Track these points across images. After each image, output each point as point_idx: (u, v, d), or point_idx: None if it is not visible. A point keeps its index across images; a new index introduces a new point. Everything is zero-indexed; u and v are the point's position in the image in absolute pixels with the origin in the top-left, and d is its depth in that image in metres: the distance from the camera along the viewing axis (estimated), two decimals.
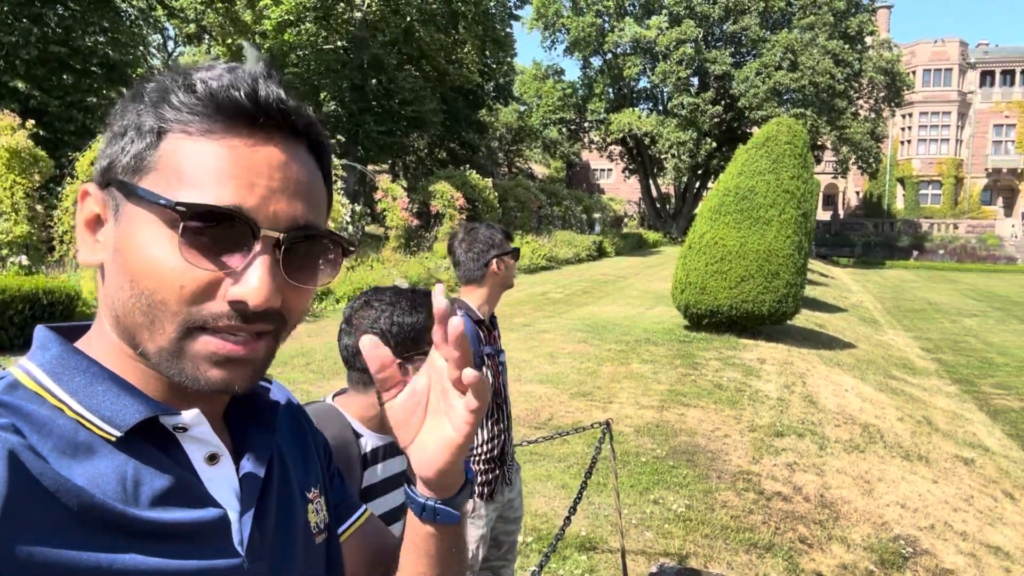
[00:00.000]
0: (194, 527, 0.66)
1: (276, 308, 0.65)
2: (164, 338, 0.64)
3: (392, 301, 1.66)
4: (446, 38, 27.93)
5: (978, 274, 42.42)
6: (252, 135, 0.65)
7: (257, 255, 0.64)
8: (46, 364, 0.66)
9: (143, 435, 0.65)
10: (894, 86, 41.51)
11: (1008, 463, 8.42)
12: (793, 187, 11.55)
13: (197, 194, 0.62)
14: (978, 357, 16.11)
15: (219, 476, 0.71)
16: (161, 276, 0.62)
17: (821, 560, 4.70)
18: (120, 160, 0.65)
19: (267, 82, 0.66)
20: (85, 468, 0.61)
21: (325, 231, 0.69)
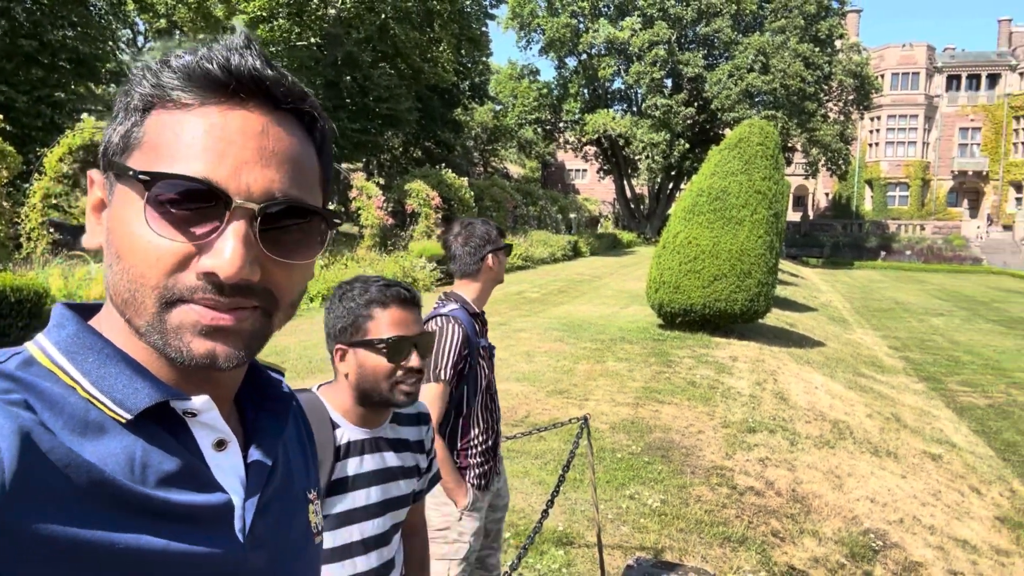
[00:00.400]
0: (198, 511, 0.66)
1: (253, 281, 0.64)
2: (147, 312, 0.64)
3: (378, 278, 1.74)
4: (421, 36, 27.85)
5: (944, 274, 43.29)
6: (227, 105, 0.65)
7: (228, 226, 0.63)
8: (61, 342, 0.66)
9: (153, 418, 0.66)
10: (863, 89, 42.19)
11: (974, 459, 8.62)
12: (765, 188, 11.72)
13: (171, 166, 0.63)
14: (945, 355, 16.46)
15: (226, 463, 0.71)
16: (139, 250, 0.63)
17: (793, 553, 4.79)
18: (112, 141, 0.67)
19: (243, 52, 0.66)
20: (95, 447, 0.61)
21: (304, 203, 0.67)
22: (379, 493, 1.72)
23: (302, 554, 0.81)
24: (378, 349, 1.66)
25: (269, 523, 0.74)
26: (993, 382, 13.77)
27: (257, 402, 0.80)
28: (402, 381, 1.67)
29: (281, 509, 0.77)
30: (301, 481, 0.84)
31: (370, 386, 1.68)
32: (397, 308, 1.68)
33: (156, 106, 0.65)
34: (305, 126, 0.70)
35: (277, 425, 0.79)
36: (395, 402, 1.69)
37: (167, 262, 0.62)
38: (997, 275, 42.96)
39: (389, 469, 1.74)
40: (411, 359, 1.67)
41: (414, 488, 1.82)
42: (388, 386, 1.67)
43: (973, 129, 53.85)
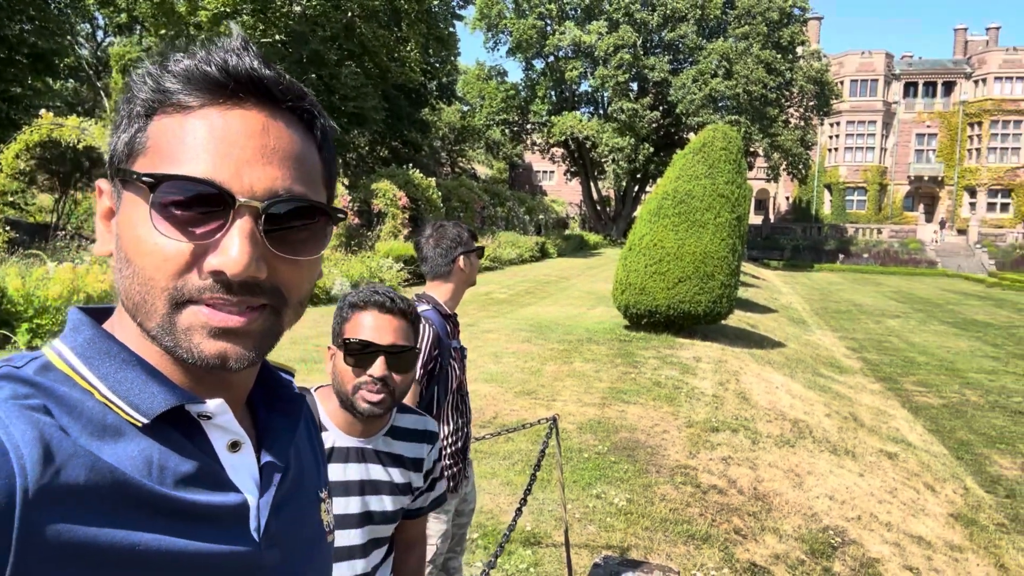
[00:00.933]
0: (215, 510, 0.68)
1: (260, 279, 0.65)
2: (157, 315, 0.65)
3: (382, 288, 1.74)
4: (388, 35, 27.71)
5: (900, 277, 44.39)
6: (226, 106, 0.66)
7: (233, 225, 0.64)
8: (78, 347, 0.67)
9: (169, 421, 0.67)
10: (823, 95, 43.04)
11: (929, 457, 8.88)
12: (728, 191, 11.92)
13: (174, 168, 0.64)
14: (900, 356, 16.89)
15: (240, 463, 0.72)
16: (147, 252, 0.64)
17: (755, 550, 4.90)
18: (117, 149, 0.68)
19: (241, 53, 0.67)
20: (113, 450, 0.62)
21: (307, 200, 0.68)
22: (359, 504, 1.69)
23: (315, 552, 0.82)
24: (345, 348, 1.63)
25: (283, 522, 0.75)
26: (947, 382, 14.18)
27: (269, 403, 0.81)
28: (363, 388, 1.63)
29: (294, 508, 0.78)
30: (313, 481, 0.86)
31: (339, 388, 1.67)
32: (373, 312, 1.65)
33: (158, 111, 0.66)
34: (305, 124, 0.71)
35: (289, 426, 0.80)
36: (358, 409, 1.64)
37: (175, 263, 0.64)
38: (951, 278, 44.19)
39: (373, 482, 1.71)
40: (374, 367, 1.62)
41: (403, 505, 1.77)
42: (351, 390, 1.64)
43: (929, 135, 55.29)
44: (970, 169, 53.40)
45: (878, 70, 54.41)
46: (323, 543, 0.85)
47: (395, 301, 1.67)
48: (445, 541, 2.53)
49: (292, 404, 0.82)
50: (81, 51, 26.74)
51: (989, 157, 52.62)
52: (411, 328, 1.70)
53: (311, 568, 0.81)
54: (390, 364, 1.63)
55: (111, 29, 30.36)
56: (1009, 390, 13.59)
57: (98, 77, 29.34)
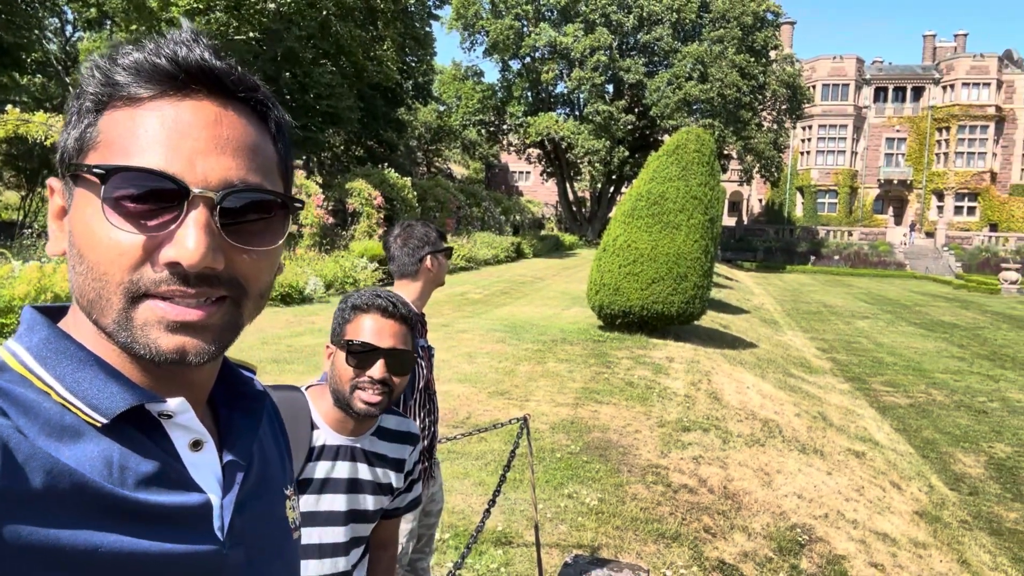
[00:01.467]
0: (177, 511, 0.67)
1: (217, 270, 0.64)
2: (113, 310, 0.64)
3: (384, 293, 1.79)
4: (364, 34, 27.56)
5: (870, 279, 45.12)
6: (177, 98, 0.65)
7: (188, 215, 0.63)
8: (33, 347, 0.66)
9: (129, 421, 0.66)
10: (795, 99, 43.61)
11: (895, 456, 9.04)
12: (701, 193, 12.03)
13: (126, 161, 0.63)
14: (869, 357, 17.18)
15: (202, 462, 0.71)
16: (100, 247, 0.63)
17: (724, 548, 4.96)
18: (68, 146, 0.67)
19: (191, 45, 0.66)
20: (72, 451, 0.61)
21: (263, 189, 0.68)
22: (344, 502, 1.72)
23: (281, 550, 0.81)
24: (346, 350, 1.68)
25: (247, 520, 0.74)
26: (914, 382, 14.45)
27: (230, 401, 0.80)
28: (362, 388, 1.67)
29: (259, 506, 0.78)
30: (277, 478, 0.85)
31: (336, 387, 1.71)
32: (376, 316, 1.70)
33: (108, 105, 0.65)
34: (259, 115, 0.71)
35: (251, 423, 0.79)
36: (354, 409, 1.68)
37: (130, 256, 0.62)
38: (919, 280, 45.02)
39: (359, 480, 1.75)
40: (374, 368, 1.67)
41: (383, 505, 1.81)
42: (349, 390, 1.68)
43: (898, 139, 56.29)
44: (938, 173, 54.45)
45: (849, 75, 55.28)
46: (289, 540, 0.84)
47: (396, 306, 1.73)
48: (411, 540, 2.53)
49: (254, 402, 0.81)
50: (49, 46, 26.24)
51: (956, 161, 53.70)
52: (410, 333, 1.76)
53: (277, 566, 0.80)
54: (389, 366, 1.68)
55: (80, 24, 29.85)
56: (974, 390, 13.88)
57: (67, 73, 28.83)
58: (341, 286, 15.91)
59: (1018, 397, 13.37)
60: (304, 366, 8.33)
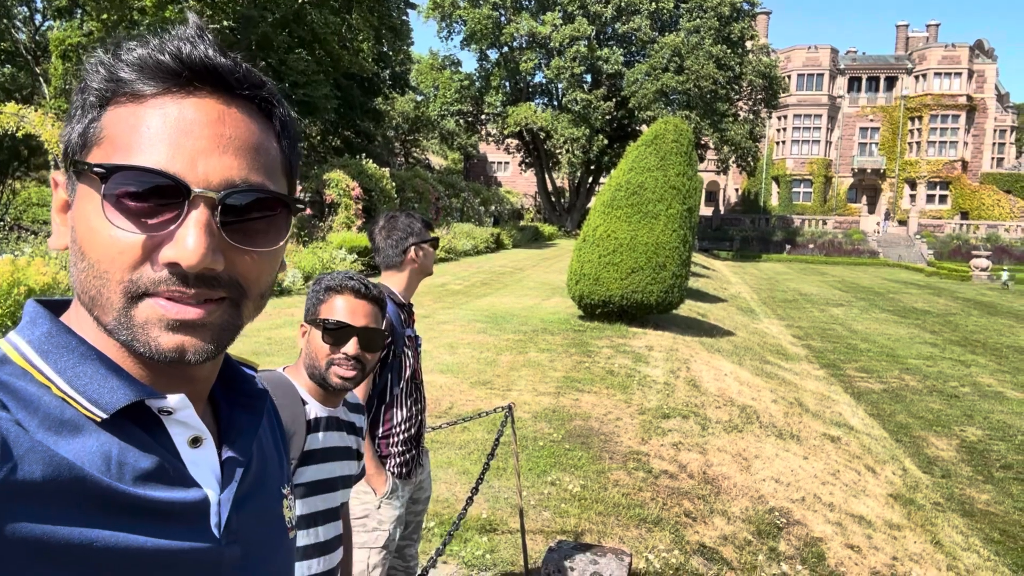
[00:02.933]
0: (175, 507, 0.66)
1: (217, 271, 0.64)
2: (113, 309, 0.63)
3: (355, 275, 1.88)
4: (340, 22, 27.33)
5: (844, 267, 45.73)
6: (181, 95, 0.64)
7: (188, 215, 0.62)
8: (35, 341, 0.66)
9: (129, 416, 0.65)
10: (771, 89, 43.93)
11: (870, 440, 9.22)
12: (679, 183, 12.12)
13: (128, 159, 0.62)
14: (844, 343, 17.44)
15: (201, 459, 0.71)
16: (101, 245, 0.63)
17: (704, 532, 5.05)
18: (72, 141, 0.67)
19: (195, 41, 0.65)
20: (71, 446, 0.61)
21: (265, 190, 0.67)
22: (337, 468, 1.83)
23: (277, 548, 0.81)
24: (321, 329, 1.77)
25: (245, 518, 0.74)
26: (888, 368, 14.71)
27: (231, 399, 0.80)
28: (337, 364, 1.77)
29: (256, 504, 0.77)
30: (275, 476, 0.85)
31: (311, 363, 1.80)
32: (349, 296, 1.80)
33: (111, 101, 0.65)
34: (263, 113, 0.70)
35: (252, 421, 0.79)
36: (330, 383, 1.78)
37: (130, 255, 0.62)
38: (892, 268, 45.71)
39: (345, 448, 1.87)
40: (348, 346, 1.76)
41: (355, 471, 1.93)
42: (325, 366, 1.77)
43: (872, 129, 56.97)
44: (910, 162, 55.22)
45: (824, 64, 55.76)
46: (284, 539, 0.84)
47: (368, 287, 1.83)
48: (398, 527, 2.56)
49: (255, 400, 0.81)
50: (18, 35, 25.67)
51: (929, 150, 54.48)
52: (381, 312, 1.87)
53: (272, 564, 0.80)
54: (362, 344, 1.78)
55: (50, 12, 29.26)
56: (946, 375, 14.16)
57: (36, 62, 28.27)
58: None
59: (988, 382, 13.67)
60: (284, 358, 8.31)
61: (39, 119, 14.64)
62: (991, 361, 15.71)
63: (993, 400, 12.27)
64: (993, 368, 14.95)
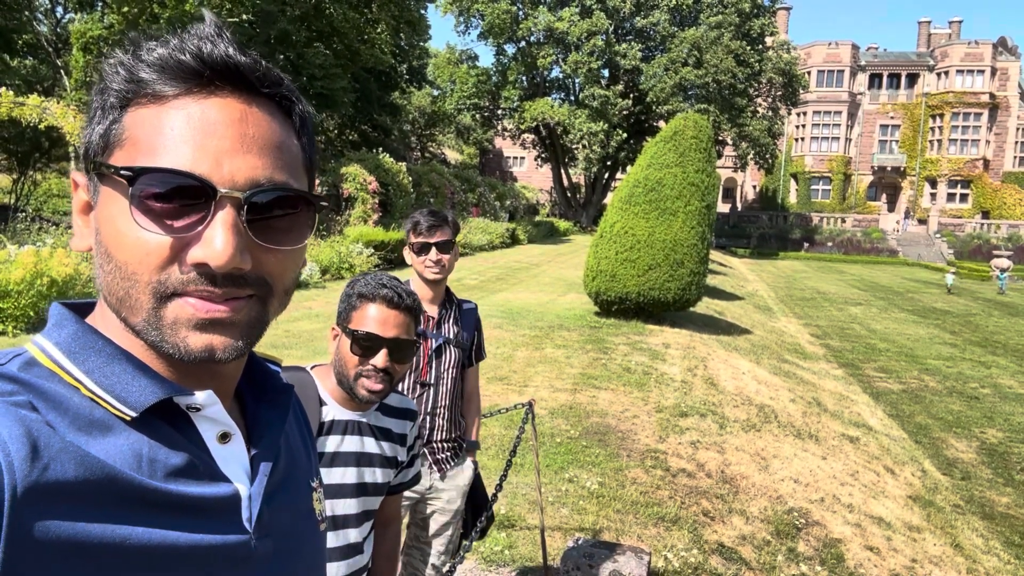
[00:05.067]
0: (207, 502, 0.67)
1: (245, 270, 0.64)
2: (143, 310, 0.64)
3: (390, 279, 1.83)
4: (358, 16, 27.35)
5: (863, 265, 45.34)
6: (202, 95, 0.64)
7: (215, 216, 0.63)
8: (62, 342, 0.66)
9: (157, 414, 0.66)
10: (790, 86, 43.57)
11: (889, 441, 9.14)
12: (698, 180, 12.05)
13: (152, 160, 0.62)
14: (862, 343, 17.30)
15: (230, 455, 0.72)
16: (128, 247, 0.63)
17: (723, 532, 5.02)
18: (92, 142, 0.67)
19: (215, 40, 0.65)
20: (101, 445, 0.61)
21: (289, 188, 0.67)
22: (355, 475, 1.78)
23: (308, 541, 0.82)
24: (352, 338, 1.72)
25: (275, 512, 0.74)
26: (907, 368, 14.58)
27: (257, 395, 0.80)
28: (365, 376, 1.71)
29: (286, 498, 0.78)
30: (304, 470, 0.85)
31: (339, 371, 1.76)
32: (381, 306, 1.73)
33: (132, 102, 0.65)
34: (283, 111, 0.70)
35: (278, 417, 0.79)
36: (357, 395, 1.73)
37: (158, 256, 0.63)
38: (911, 267, 45.27)
39: (367, 454, 1.81)
40: (377, 358, 1.70)
41: (389, 479, 1.87)
42: (353, 376, 1.73)
43: (892, 126, 56.32)
44: (931, 160, 54.57)
45: (844, 61, 55.19)
46: (315, 532, 0.84)
47: (402, 296, 1.75)
48: None
49: (281, 395, 0.81)
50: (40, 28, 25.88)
51: (950, 148, 53.82)
52: (414, 322, 1.80)
53: (304, 557, 0.80)
54: (392, 356, 1.72)
55: (71, 5, 29.49)
56: (966, 376, 14.02)
57: (57, 55, 28.55)
58: (337, 271, 15.90)
59: (1009, 383, 13.52)
60: (302, 351, 8.35)
61: (61, 111, 14.78)
62: (1012, 362, 15.53)
63: (1014, 402, 12.12)
64: (1014, 370, 14.77)
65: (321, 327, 9.47)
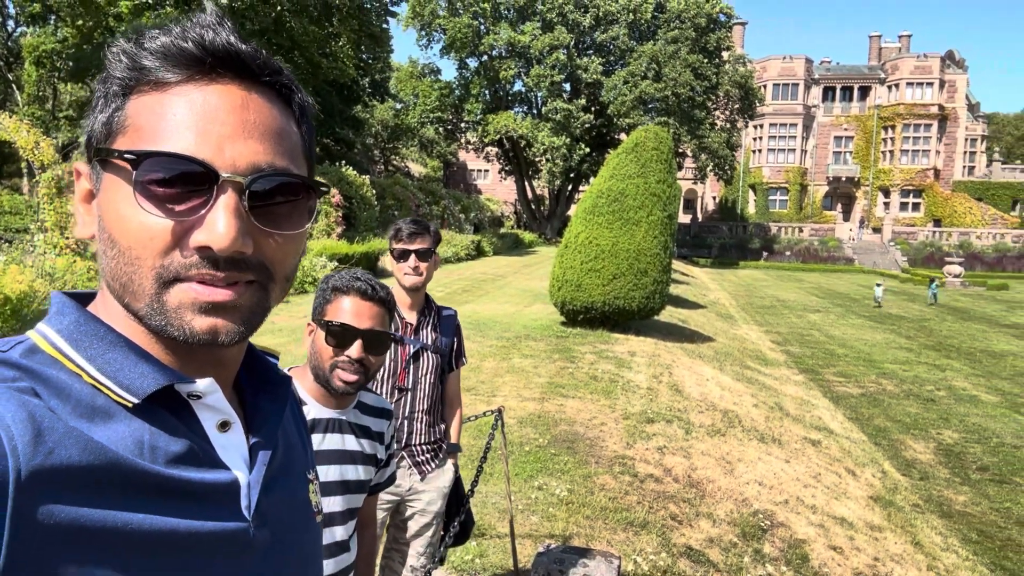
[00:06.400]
0: (207, 488, 0.67)
1: (247, 254, 0.65)
2: (146, 294, 0.64)
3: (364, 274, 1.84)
4: (319, 30, 27.23)
5: (820, 273, 46.30)
6: (205, 82, 0.65)
7: (217, 200, 0.64)
8: (64, 330, 0.67)
9: (158, 402, 0.66)
10: (747, 99, 44.47)
11: (849, 443, 9.33)
12: (659, 190, 12.23)
13: (155, 146, 0.63)
14: (821, 349, 17.65)
15: (230, 443, 0.72)
16: (132, 231, 0.64)
17: (690, 535, 5.08)
18: (95, 130, 0.67)
19: (217, 28, 0.66)
20: (103, 431, 0.62)
21: (291, 174, 0.68)
22: (337, 473, 1.79)
23: (305, 532, 0.82)
24: (326, 330, 1.73)
25: (273, 501, 0.75)
26: (865, 372, 14.91)
27: (256, 386, 0.81)
28: (341, 368, 1.73)
29: (284, 488, 0.78)
30: (300, 461, 0.86)
31: (315, 364, 1.77)
32: (355, 298, 1.75)
33: (135, 89, 0.66)
34: (283, 99, 0.71)
35: (277, 407, 0.80)
36: (332, 386, 1.75)
37: (161, 240, 0.63)
38: (867, 274, 46.32)
39: (348, 452, 1.82)
40: (352, 349, 1.72)
41: (371, 476, 1.88)
42: (328, 368, 1.74)
43: (846, 138, 57.81)
44: (884, 170, 56.08)
45: (799, 74, 56.54)
46: (312, 523, 0.85)
47: (375, 289, 1.78)
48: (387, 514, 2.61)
49: (279, 387, 0.82)
50: None
51: (902, 159, 55.38)
52: (388, 314, 1.82)
53: (301, 547, 0.81)
54: (367, 347, 1.74)
55: (23, 19, 28.89)
56: (922, 379, 14.39)
57: (9, 69, 27.90)
58: (301, 285, 15.73)
59: (963, 385, 13.91)
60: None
61: (14, 126, 14.45)
62: (965, 365, 15.98)
63: (968, 403, 12.48)
64: (967, 372, 15.21)
65: (284, 341, 9.35)
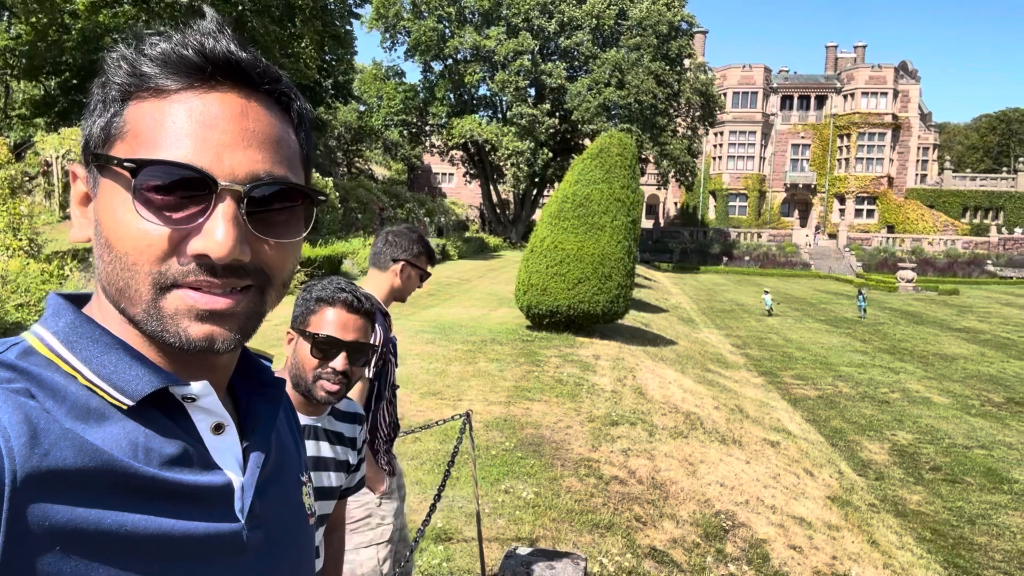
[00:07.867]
0: (201, 490, 0.67)
1: (244, 262, 0.65)
2: (142, 300, 0.64)
3: (348, 284, 1.84)
4: (281, 31, 26.94)
5: (778, 278, 47.18)
6: (204, 90, 0.65)
7: (216, 208, 0.63)
8: (60, 332, 0.66)
9: (153, 404, 0.66)
10: (708, 107, 45.15)
11: (807, 445, 9.54)
12: (623, 196, 12.38)
13: (155, 153, 0.63)
14: (780, 352, 18.00)
15: (224, 446, 0.72)
16: (129, 237, 0.63)
17: (655, 536, 5.16)
18: (93, 134, 0.67)
19: (217, 36, 0.66)
20: (98, 433, 0.62)
21: (288, 182, 0.68)
22: (313, 479, 1.77)
23: (298, 534, 0.83)
24: (311, 341, 1.73)
25: (267, 504, 0.75)
26: (822, 375, 15.25)
27: (250, 388, 0.81)
28: (324, 379, 1.73)
29: (278, 491, 0.79)
30: (294, 465, 0.87)
31: (297, 374, 1.75)
32: (340, 310, 1.75)
33: (134, 95, 0.66)
34: (281, 106, 0.71)
35: (271, 410, 0.80)
36: (315, 397, 1.74)
37: (159, 247, 0.63)
38: (823, 279, 47.38)
39: (322, 458, 1.81)
40: (337, 361, 1.72)
41: (343, 483, 1.88)
42: (312, 378, 1.73)
43: (803, 145, 59.10)
44: (840, 178, 57.44)
45: (758, 83, 57.63)
46: (305, 525, 0.85)
47: (360, 301, 1.78)
48: (399, 519, 2.61)
49: (272, 389, 0.82)
50: None
51: (857, 167, 56.80)
52: (371, 325, 1.82)
53: (294, 549, 0.80)
54: (351, 359, 1.75)
55: None
56: (876, 381, 14.76)
57: None
58: None
59: (916, 388, 14.31)
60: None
61: None
62: (918, 368, 16.45)
63: (921, 405, 12.85)
64: (920, 375, 15.65)
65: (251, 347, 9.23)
